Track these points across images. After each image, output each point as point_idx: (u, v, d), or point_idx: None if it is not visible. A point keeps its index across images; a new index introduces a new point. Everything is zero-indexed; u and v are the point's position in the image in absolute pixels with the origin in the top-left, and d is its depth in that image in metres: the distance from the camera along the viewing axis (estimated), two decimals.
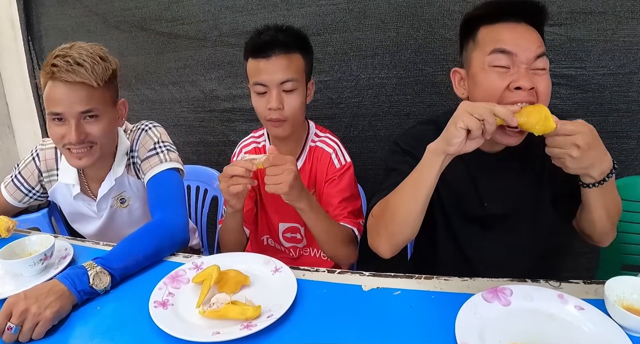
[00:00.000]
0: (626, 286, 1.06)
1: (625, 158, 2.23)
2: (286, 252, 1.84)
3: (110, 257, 1.30)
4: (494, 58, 1.20)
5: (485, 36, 1.24)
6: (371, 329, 1.05)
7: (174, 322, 1.09)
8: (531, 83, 1.17)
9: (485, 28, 1.25)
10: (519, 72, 1.18)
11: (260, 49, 1.49)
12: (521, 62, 1.18)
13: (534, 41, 1.20)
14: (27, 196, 1.78)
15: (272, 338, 1.05)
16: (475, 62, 1.26)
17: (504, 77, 1.20)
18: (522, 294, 1.10)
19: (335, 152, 1.67)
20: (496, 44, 1.20)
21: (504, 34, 1.21)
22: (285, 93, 1.51)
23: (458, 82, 1.38)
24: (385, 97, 2.35)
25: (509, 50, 1.18)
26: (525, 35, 1.20)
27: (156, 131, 1.71)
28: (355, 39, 2.30)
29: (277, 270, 1.29)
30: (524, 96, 1.18)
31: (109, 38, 2.78)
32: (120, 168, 1.68)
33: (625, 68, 2.08)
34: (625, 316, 0.97)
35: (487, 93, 1.23)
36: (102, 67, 1.45)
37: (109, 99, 1.53)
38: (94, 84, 1.43)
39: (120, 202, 1.75)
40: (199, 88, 2.70)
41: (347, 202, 1.62)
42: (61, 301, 1.14)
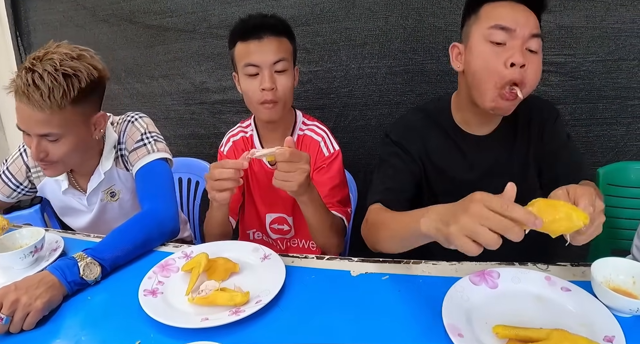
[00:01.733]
0: (612, 267, 1.07)
1: (615, 144, 2.25)
2: (274, 244, 1.84)
3: (100, 248, 1.29)
4: (493, 32, 1.23)
5: (487, 12, 1.26)
6: (360, 314, 1.06)
7: (163, 310, 1.09)
8: (524, 60, 1.19)
9: (488, 5, 1.27)
10: (513, 47, 1.20)
11: (251, 32, 1.49)
12: (517, 37, 1.20)
13: (532, 20, 1.22)
14: (15, 192, 1.75)
15: (261, 323, 1.05)
16: (475, 34, 1.28)
17: (500, 54, 1.22)
18: (510, 276, 1.11)
19: (323, 139, 1.67)
20: (496, 20, 1.22)
21: (504, 11, 1.23)
22: (277, 74, 1.51)
23: (455, 56, 1.38)
24: (375, 86, 2.36)
25: (507, 26, 1.21)
26: (524, 14, 1.22)
27: (142, 122, 1.69)
28: (345, 28, 2.29)
29: (266, 257, 1.29)
30: (518, 74, 1.20)
31: (98, 32, 2.76)
32: (109, 162, 1.66)
33: (614, 55, 2.08)
34: (611, 296, 0.98)
35: (483, 67, 1.25)
36: (62, 89, 1.32)
37: (74, 119, 1.42)
38: (47, 111, 1.33)
39: (110, 196, 1.74)
40: (189, 81, 2.70)
41: (337, 190, 1.63)
42: (52, 291, 1.14)
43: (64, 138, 1.43)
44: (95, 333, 1.06)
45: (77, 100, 1.38)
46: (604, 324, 0.94)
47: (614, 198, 1.88)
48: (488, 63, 1.24)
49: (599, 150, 2.26)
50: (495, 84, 1.23)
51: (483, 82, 1.26)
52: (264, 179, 1.74)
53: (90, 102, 1.47)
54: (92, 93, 1.46)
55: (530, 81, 1.23)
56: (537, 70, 1.24)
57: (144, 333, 1.04)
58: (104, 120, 1.56)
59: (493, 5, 1.26)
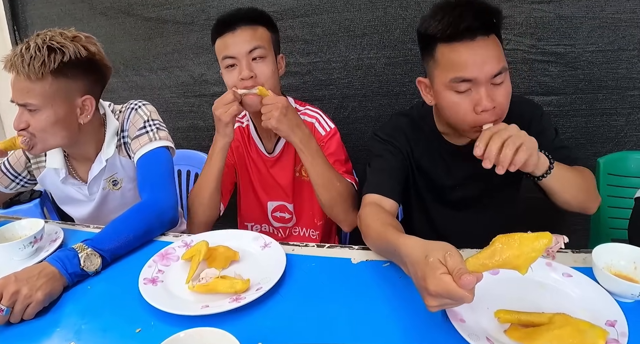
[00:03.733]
0: (614, 253, 1.06)
1: (615, 135, 2.24)
2: (275, 233, 1.85)
3: (100, 239, 1.29)
4: (455, 85, 1.21)
5: (444, 57, 1.22)
6: (360, 301, 1.06)
7: (163, 297, 1.09)
8: (493, 102, 1.20)
9: (442, 47, 1.22)
10: (479, 93, 1.20)
11: (224, 25, 1.51)
12: (481, 82, 1.19)
13: (493, 58, 1.19)
14: (13, 183, 1.77)
15: (262, 310, 1.05)
16: (437, 81, 1.27)
17: (466, 100, 1.22)
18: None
19: (317, 120, 1.69)
20: (456, 72, 1.20)
21: (461, 57, 1.19)
22: (254, 62, 1.52)
23: (425, 90, 1.37)
24: (374, 77, 2.35)
25: (468, 78, 1.19)
26: (483, 55, 1.18)
27: (146, 109, 1.68)
28: (344, 19, 2.28)
29: (267, 246, 1.29)
30: (490, 116, 1.21)
31: (96, 25, 2.75)
32: (111, 149, 1.64)
33: (614, 45, 2.08)
34: (613, 281, 0.97)
35: (455, 116, 1.27)
36: (42, 60, 1.36)
37: (54, 93, 1.43)
38: (25, 78, 1.38)
39: (112, 184, 1.72)
40: (188, 73, 2.69)
41: (340, 164, 1.65)
42: (52, 283, 1.14)
43: (42, 111, 1.43)
44: (95, 322, 1.06)
45: (57, 72, 1.40)
46: (606, 309, 0.94)
47: (614, 187, 1.88)
48: (457, 112, 1.25)
49: (598, 140, 2.25)
50: (469, 125, 1.25)
51: (457, 124, 1.29)
52: (262, 166, 1.76)
53: (77, 82, 1.48)
54: (79, 73, 1.47)
55: (503, 111, 1.25)
56: (506, 99, 1.24)
57: (145, 321, 1.04)
58: (90, 105, 1.54)
59: (448, 47, 1.21)
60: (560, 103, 2.21)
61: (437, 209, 1.57)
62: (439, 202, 1.56)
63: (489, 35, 1.19)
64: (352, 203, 1.57)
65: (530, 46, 2.13)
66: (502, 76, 1.21)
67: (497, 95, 1.21)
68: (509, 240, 0.85)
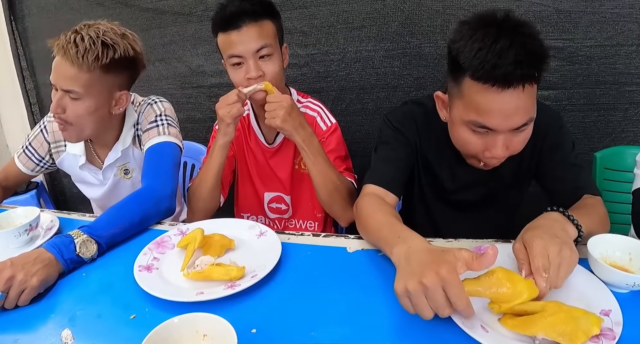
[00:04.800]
0: (609, 244, 1.06)
1: (612, 130, 2.25)
2: (271, 225, 1.85)
3: (97, 225, 1.29)
4: (473, 126, 1.14)
5: (470, 93, 1.11)
6: (355, 289, 1.06)
7: (158, 284, 1.09)
8: (505, 152, 1.16)
9: (470, 81, 1.09)
10: (495, 140, 1.14)
11: (229, 21, 1.47)
12: (500, 133, 1.13)
13: (523, 111, 1.09)
14: (38, 166, 1.82)
15: (256, 297, 1.05)
16: (456, 111, 1.19)
17: (480, 141, 1.17)
18: (506, 252, 1.10)
19: (319, 114, 1.68)
20: (477, 116, 1.11)
21: (488, 104, 1.08)
22: (262, 60, 1.51)
23: (441, 105, 1.29)
24: (372, 69, 2.35)
25: (488, 127, 1.12)
26: (514, 107, 1.07)
27: (161, 105, 1.73)
28: (342, 11, 2.28)
29: (262, 234, 1.29)
30: (497, 161, 1.20)
31: (93, 16, 2.64)
32: (127, 140, 1.71)
33: (613, 40, 2.08)
34: (608, 271, 0.97)
35: (464, 148, 1.24)
36: (96, 53, 1.43)
37: (99, 86, 1.50)
38: (77, 68, 1.43)
39: (124, 173, 1.79)
40: (185, 64, 2.69)
41: (341, 161, 1.65)
42: (48, 269, 1.14)
43: (84, 100, 1.49)
44: (90, 308, 1.06)
45: (106, 68, 1.48)
46: (601, 299, 0.94)
47: (610, 182, 1.88)
48: (466, 147, 1.21)
49: (596, 135, 2.26)
50: (474, 158, 1.24)
51: (462, 151, 1.28)
52: (261, 157, 1.76)
53: (119, 77, 1.56)
54: (123, 69, 1.56)
55: (515, 152, 1.20)
56: (522, 146, 1.19)
57: (139, 307, 1.04)
58: (126, 99, 1.62)
59: (476, 87, 1.08)
60: (558, 97, 2.22)
61: (438, 206, 1.56)
62: (440, 200, 1.54)
63: (525, 85, 1.05)
64: (351, 200, 1.56)
65: None
66: (526, 126, 1.13)
67: (514, 142, 1.15)
68: (508, 275, 0.89)
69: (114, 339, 0.96)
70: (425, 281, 0.81)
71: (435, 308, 0.82)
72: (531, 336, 0.84)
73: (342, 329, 0.93)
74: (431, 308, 0.82)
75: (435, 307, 0.82)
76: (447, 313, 0.82)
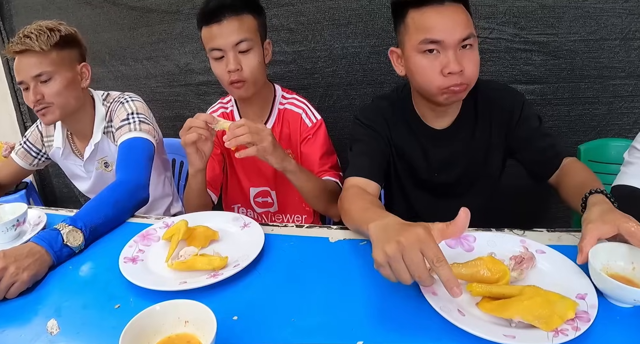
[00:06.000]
0: (611, 253, 0.99)
1: (597, 123, 2.28)
2: (258, 219, 1.85)
3: (78, 216, 1.32)
4: (423, 46, 1.24)
5: (414, 22, 1.26)
6: (337, 277, 1.07)
7: (142, 275, 1.10)
8: (459, 66, 1.22)
9: (412, 12, 1.26)
10: (447, 56, 1.23)
11: (210, 15, 1.50)
12: (449, 46, 1.22)
13: (460, 23, 1.23)
14: (36, 159, 1.96)
15: (238, 286, 1.06)
16: (407, 46, 1.30)
17: (435, 62, 1.25)
18: (485, 240, 1.12)
19: (304, 111, 1.70)
20: (424, 33, 1.23)
21: (430, 20, 1.23)
22: (241, 54, 1.52)
23: (396, 60, 1.41)
24: (359, 65, 2.36)
25: (436, 39, 1.22)
26: (451, 19, 1.23)
27: (133, 104, 1.78)
28: (328, 8, 2.29)
29: (246, 226, 1.30)
30: (457, 79, 1.24)
31: (81, 14, 2.74)
32: (98, 134, 1.80)
33: (596, 34, 2.10)
34: (613, 285, 0.89)
35: (423, 79, 1.29)
36: (46, 35, 1.59)
37: (62, 61, 1.65)
38: (37, 49, 1.58)
39: (104, 166, 1.88)
40: (173, 63, 2.69)
41: (326, 157, 1.67)
42: (39, 264, 1.15)
43: (54, 78, 1.64)
44: (75, 299, 1.07)
45: (60, 45, 1.63)
46: (577, 283, 0.95)
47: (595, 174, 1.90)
48: (425, 75, 1.28)
49: (580, 128, 2.28)
50: (439, 89, 1.27)
51: (426, 88, 1.30)
52: None
53: (72, 51, 1.71)
54: (73, 46, 1.71)
55: (470, 77, 1.27)
56: (474, 65, 1.27)
57: (124, 298, 1.06)
58: (87, 70, 1.77)
59: (418, 12, 1.25)
60: (543, 91, 2.24)
61: (417, 195, 1.59)
62: (418, 188, 1.57)
63: (456, 2, 1.24)
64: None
65: (513, 35, 2.15)
66: (471, 41, 1.24)
67: (465, 59, 1.24)
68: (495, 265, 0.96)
69: (98, 328, 0.97)
70: (403, 240, 0.83)
71: (413, 271, 0.82)
72: (507, 319, 0.86)
73: (322, 317, 0.94)
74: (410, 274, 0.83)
75: (413, 270, 0.82)
76: (425, 276, 0.82)
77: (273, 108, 1.71)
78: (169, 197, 2.06)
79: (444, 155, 1.48)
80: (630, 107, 2.22)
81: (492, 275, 0.95)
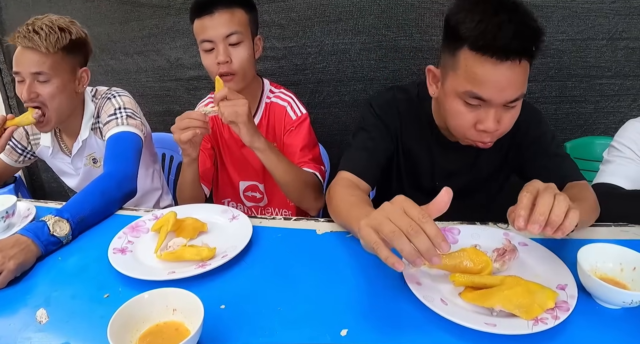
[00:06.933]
0: (599, 254, 0.99)
1: (584, 122, 2.31)
2: (247, 213, 1.87)
3: (65, 208, 1.33)
4: (466, 97, 1.15)
5: (466, 64, 1.12)
6: (322, 267, 1.09)
7: (131, 265, 1.11)
8: (497, 126, 1.16)
9: (468, 52, 1.11)
10: (487, 113, 1.15)
11: (203, 7, 1.52)
12: (493, 105, 1.14)
13: (515, 85, 1.11)
14: (22, 156, 1.94)
15: (226, 276, 1.08)
16: (450, 84, 1.19)
17: (472, 114, 1.17)
18: (470, 233, 1.14)
19: (289, 104, 1.71)
20: (472, 86, 1.12)
21: (484, 74, 1.09)
22: (231, 47, 1.54)
23: (432, 79, 1.29)
24: (349, 62, 2.37)
25: (482, 97, 1.13)
26: (508, 79, 1.09)
27: (120, 99, 1.78)
28: (319, 4, 2.29)
29: (235, 218, 1.32)
30: (486, 137, 1.19)
31: (71, 8, 2.72)
32: (86, 131, 1.79)
33: (584, 34, 2.13)
34: (603, 288, 0.89)
35: (454, 122, 1.23)
36: (57, 36, 1.57)
37: (63, 66, 1.63)
38: (43, 51, 1.56)
39: (92, 162, 1.88)
40: (164, 57, 2.68)
41: (307, 150, 1.67)
42: (25, 253, 1.16)
43: (52, 80, 1.62)
44: (64, 289, 1.08)
45: (67, 48, 1.61)
46: (558, 274, 0.98)
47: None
48: (457, 119, 1.21)
49: (567, 127, 2.31)
50: (464, 136, 1.23)
51: (453, 128, 1.26)
52: (234, 146, 1.78)
53: (78, 56, 1.69)
54: (79, 50, 1.69)
55: (503, 133, 1.21)
56: (511, 123, 1.20)
57: (113, 287, 1.07)
58: (86, 75, 1.74)
59: (474, 58, 1.10)
60: (531, 90, 2.25)
61: (415, 196, 1.51)
62: (418, 190, 1.54)
63: (521, 60, 1.08)
64: (318, 191, 1.61)
65: None
66: (518, 102, 1.16)
67: (505, 118, 1.17)
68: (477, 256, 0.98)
69: (87, 317, 0.98)
70: (385, 207, 0.86)
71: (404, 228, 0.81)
72: (489, 308, 0.88)
73: (308, 306, 0.96)
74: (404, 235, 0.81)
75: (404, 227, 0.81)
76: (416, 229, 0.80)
77: (261, 102, 1.73)
78: (158, 191, 2.07)
79: (449, 167, 1.46)
80: (616, 106, 2.26)
81: (474, 266, 0.97)
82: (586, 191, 1.24)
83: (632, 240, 1.15)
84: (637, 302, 0.87)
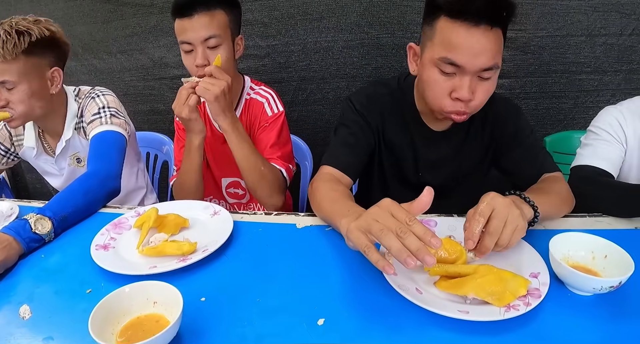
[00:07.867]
0: (571, 243, 1.02)
1: (564, 117, 2.35)
2: (230, 209, 1.88)
3: (47, 206, 1.33)
4: (442, 64, 1.18)
5: (442, 32, 1.17)
6: (301, 260, 1.12)
7: (113, 261, 1.12)
8: (470, 95, 1.18)
9: (444, 20, 1.16)
10: (462, 81, 1.18)
11: (183, 9, 1.51)
12: (467, 72, 1.16)
13: (490, 52, 1.14)
14: (5, 158, 1.89)
15: (207, 270, 1.10)
16: (427, 53, 1.23)
17: (447, 83, 1.20)
18: (446, 225, 1.17)
19: (267, 100, 1.72)
20: (447, 52, 1.15)
21: (458, 39, 1.13)
22: (210, 50, 1.54)
23: (412, 57, 1.34)
24: (332, 60, 2.38)
25: (457, 63, 1.15)
26: (481, 44, 1.13)
27: (104, 98, 1.76)
28: (302, 2, 2.30)
29: (216, 213, 1.33)
30: (463, 106, 1.22)
31: (54, 7, 2.70)
32: (70, 131, 1.77)
33: (563, 30, 2.17)
34: (574, 275, 0.92)
35: (431, 93, 1.25)
36: (13, 42, 1.50)
37: (28, 69, 1.57)
38: (2, 61, 1.51)
39: (76, 162, 1.86)
40: (147, 56, 2.67)
41: (277, 147, 1.68)
42: (7, 251, 1.16)
43: (19, 86, 1.56)
44: (48, 286, 1.09)
45: (28, 52, 1.54)
46: (531, 263, 1.01)
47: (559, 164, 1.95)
48: (434, 90, 1.24)
49: (548, 122, 2.35)
50: (441, 109, 1.25)
51: (429, 101, 1.28)
52: (215, 143, 1.79)
53: (44, 57, 1.62)
54: (45, 50, 1.61)
55: (477, 107, 1.24)
56: (485, 97, 1.23)
57: (95, 283, 1.08)
58: (59, 75, 1.68)
59: (449, 23, 1.14)
60: (512, 86, 2.29)
61: (398, 190, 1.57)
62: (401, 183, 1.57)
63: (493, 27, 1.13)
64: (277, 187, 1.62)
65: None
66: (491, 73, 1.18)
67: (479, 89, 1.19)
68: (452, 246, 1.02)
69: (70, 312, 0.99)
70: (372, 210, 0.90)
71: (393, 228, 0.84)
72: (462, 296, 0.90)
73: (286, 297, 0.98)
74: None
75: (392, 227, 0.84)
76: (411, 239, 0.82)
77: (241, 99, 1.74)
78: (142, 189, 2.07)
79: (432, 157, 1.48)
80: (596, 101, 2.30)
81: (449, 256, 0.99)
82: (559, 183, 1.30)
83: (605, 230, 1.19)
84: (607, 288, 0.90)
